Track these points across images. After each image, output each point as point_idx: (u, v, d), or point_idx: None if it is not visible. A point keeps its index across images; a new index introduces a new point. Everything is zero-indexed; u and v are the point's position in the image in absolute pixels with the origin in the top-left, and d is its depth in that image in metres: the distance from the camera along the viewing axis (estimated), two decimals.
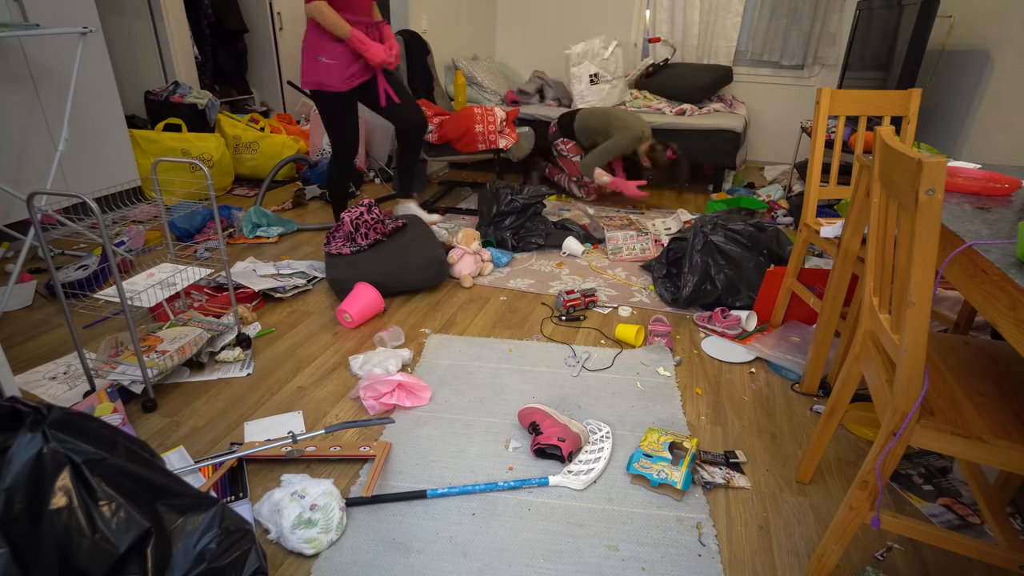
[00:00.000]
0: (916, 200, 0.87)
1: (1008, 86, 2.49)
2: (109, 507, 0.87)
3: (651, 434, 1.58)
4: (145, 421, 1.64)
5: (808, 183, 1.93)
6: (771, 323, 2.22)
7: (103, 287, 2.38)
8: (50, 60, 2.76)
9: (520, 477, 1.48)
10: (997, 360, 1.20)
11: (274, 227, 3.01)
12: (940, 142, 3.07)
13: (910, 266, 0.91)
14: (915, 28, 2.64)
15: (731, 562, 1.27)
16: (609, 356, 2.03)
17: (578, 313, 2.29)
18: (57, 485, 0.84)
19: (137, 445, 0.98)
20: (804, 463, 1.49)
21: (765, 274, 2.22)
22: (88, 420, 0.93)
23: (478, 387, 1.84)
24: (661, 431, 1.60)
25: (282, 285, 2.38)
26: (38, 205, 2.40)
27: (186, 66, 4.26)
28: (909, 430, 1.00)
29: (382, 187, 3.97)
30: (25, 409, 0.87)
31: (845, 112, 1.85)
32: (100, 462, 0.88)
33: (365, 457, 1.51)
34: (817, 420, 1.74)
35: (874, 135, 1.15)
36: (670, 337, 2.11)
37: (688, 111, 4.01)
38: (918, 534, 1.08)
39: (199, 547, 0.93)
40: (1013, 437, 0.97)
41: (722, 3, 4.49)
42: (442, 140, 3.35)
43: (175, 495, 0.95)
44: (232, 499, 1.39)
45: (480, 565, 1.24)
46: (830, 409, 1.38)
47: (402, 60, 3.53)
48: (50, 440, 0.85)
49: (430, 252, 2.42)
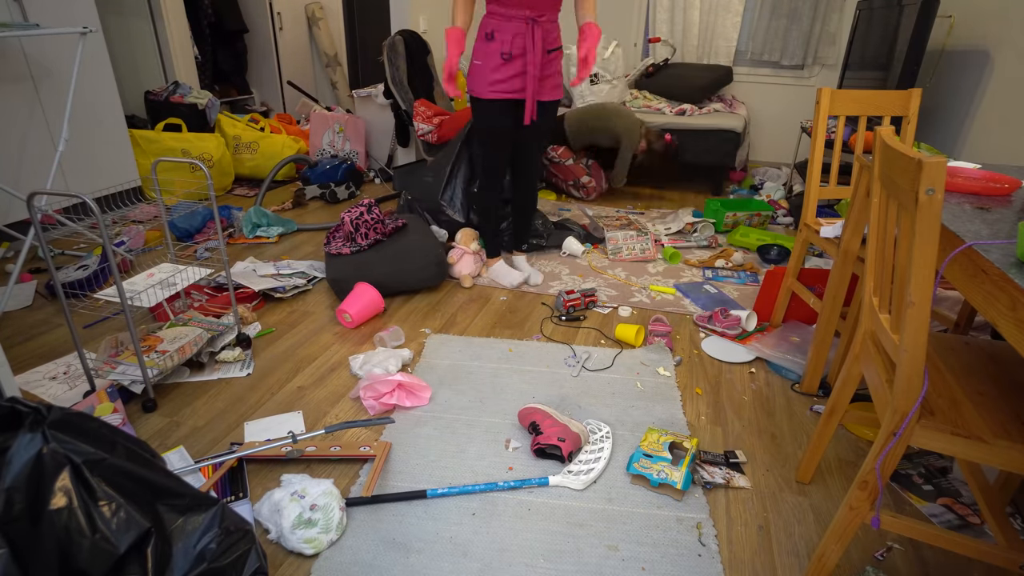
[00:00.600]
0: (916, 200, 0.87)
1: (1008, 86, 2.49)
2: (109, 507, 0.87)
3: (651, 434, 1.58)
4: (145, 421, 1.64)
5: (808, 183, 1.93)
6: (771, 323, 2.22)
7: (103, 287, 2.38)
8: (50, 60, 2.76)
9: (520, 477, 1.48)
10: (997, 360, 1.20)
11: (274, 227, 3.01)
12: (940, 142, 3.07)
13: (910, 266, 0.91)
14: (915, 28, 2.64)
15: (731, 562, 1.27)
16: (609, 356, 2.03)
17: (578, 313, 2.29)
18: (57, 485, 0.84)
19: (137, 445, 0.98)
20: (804, 463, 1.49)
21: (765, 274, 2.22)
22: (88, 420, 0.93)
23: (478, 387, 1.84)
24: (661, 431, 1.60)
25: (282, 285, 2.38)
26: (38, 205, 2.40)
27: (186, 66, 4.26)
28: (909, 430, 1.00)
29: (382, 187, 3.97)
30: (25, 410, 0.87)
31: (845, 112, 1.85)
32: (100, 462, 0.88)
33: (365, 457, 1.51)
34: (817, 420, 1.74)
35: (874, 135, 1.15)
36: (670, 337, 2.11)
37: (688, 111, 4.01)
38: (918, 534, 1.08)
39: (199, 547, 0.93)
40: (1013, 437, 0.97)
41: (722, 3, 4.49)
42: (442, 140, 3.34)
43: (175, 495, 0.95)
44: (232, 499, 1.39)
45: (480, 565, 1.24)
46: (830, 409, 1.38)
47: (402, 60, 3.53)
48: (50, 440, 0.85)
49: (430, 252, 2.42)
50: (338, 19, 5.43)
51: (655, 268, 2.77)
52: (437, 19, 4.24)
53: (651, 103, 4.16)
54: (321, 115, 4.04)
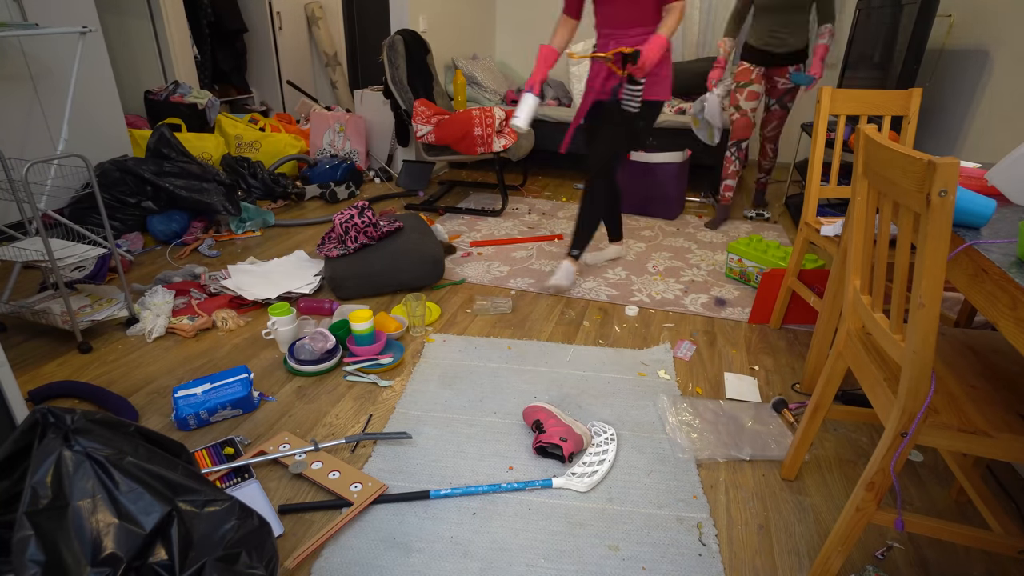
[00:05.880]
0: (928, 202, 0.86)
1: (1008, 86, 2.49)
2: (132, 494, 0.93)
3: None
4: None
5: (808, 182, 1.93)
6: (771, 323, 2.22)
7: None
8: (50, 60, 2.76)
9: (520, 477, 1.48)
10: (976, 351, 1.21)
11: (256, 220, 3.11)
12: (940, 142, 3.07)
13: (921, 267, 0.91)
14: (915, 28, 2.64)
15: (731, 562, 1.27)
16: (609, 356, 2.03)
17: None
18: (81, 480, 0.90)
19: (159, 445, 1.04)
20: (789, 460, 1.49)
21: (763, 275, 2.22)
22: (109, 425, 0.99)
23: (478, 387, 1.84)
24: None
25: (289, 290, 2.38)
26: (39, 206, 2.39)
27: (186, 66, 4.26)
28: (917, 429, 1.00)
29: (382, 186, 3.97)
30: (51, 417, 0.93)
31: (846, 111, 1.85)
32: (121, 460, 0.94)
33: (344, 503, 1.37)
34: None
35: (857, 133, 1.14)
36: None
37: (688, 110, 4.01)
38: (913, 526, 1.08)
39: (219, 533, 0.98)
40: (1014, 429, 0.98)
41: (722, 2, 4.49)
42: (441, 142, 3.34)
43: (193, 492, 1.00)
44: (238, 480, 1.42)
45: (481, 565, 1.24)
46: (814, 406, 1.39)
47: (402, 59, 3.52)
48: (72, 442, 0.92)
49: (427, 251, 2.42)
50: (338, 19, 5.43)
51: (655, 268, 2.77)
52: (437, 19, 4.24)
53: None
54: (321, 114, 4.04)
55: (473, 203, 3.70)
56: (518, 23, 5.22)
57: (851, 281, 1.23)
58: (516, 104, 4.34)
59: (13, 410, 1.27)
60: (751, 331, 2.23)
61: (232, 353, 1.98)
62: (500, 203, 3.71)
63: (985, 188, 1.30)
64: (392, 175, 4.18)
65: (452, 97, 4.29)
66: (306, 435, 1.61)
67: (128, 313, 2.07)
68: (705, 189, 4.10)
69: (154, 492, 0.94)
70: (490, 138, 3.24)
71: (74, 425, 0.94)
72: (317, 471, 1.45)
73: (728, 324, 2.28)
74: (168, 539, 0.93)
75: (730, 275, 2.67)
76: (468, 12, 4.69)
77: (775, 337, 2.19)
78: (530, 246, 3.02)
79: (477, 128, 3.23)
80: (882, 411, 1.09)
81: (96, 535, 0.88)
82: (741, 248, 2.57)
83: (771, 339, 2.17)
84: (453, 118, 3.30)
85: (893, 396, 1.05)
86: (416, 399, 1.77)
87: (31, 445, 0.93)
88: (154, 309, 2.10)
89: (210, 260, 2.70)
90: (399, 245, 2.41)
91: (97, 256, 2.10)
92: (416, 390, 1.81)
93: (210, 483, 1.03)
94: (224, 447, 1.51)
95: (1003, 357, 1.19)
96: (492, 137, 3.24)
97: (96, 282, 2.37)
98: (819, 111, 1.85)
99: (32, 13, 2.67)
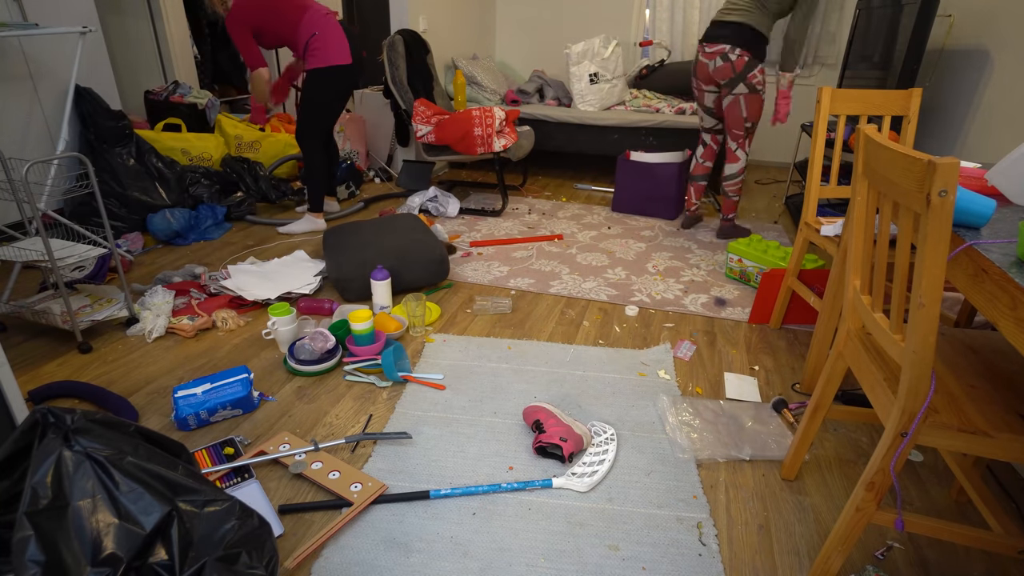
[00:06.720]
0: (928, 202, 0.86)
1: (1008, 86, 2.49)
2: (132, 494, 0.93)
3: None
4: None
5: (808, 182, 1.93)
6: (771, 323, 2.22)
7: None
8: (50, 60, 2.76)
9: (520, 477, 1.48)
10: (975, 350, 1.21)
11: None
12: (940, 142, 3.07)
13: (921, 267, 0.91)
14: (915, 27, 2.64)
15: (731, 562, 1.27)
16: (609, 356, 2.03)
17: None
18: (81, 480, 0.90)
19: (159, 445, 1.05)
20: (789, 460, 1.49)
21: (763, 275, 2.22)
22: (110, 426, 0.99)
23: (478, 386, 1.84)
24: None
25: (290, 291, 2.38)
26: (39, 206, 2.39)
27: (186, 66, 4.26)
28: (917, 429, 1.00)
29: (382, 186, 3.97)
30: (51, 417, 0.93)
31: (846, 111, 1.85)
32: (121, 460, 0.94)
33: (343, 503, 1.37)
34: None
35: (857, 133, 1.14)
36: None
37: (688, 110, 4.01)
38: (913, 526, 1.08)
39: (219, 533, 0.98)
40: (1014, 429, 0.98)
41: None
42: (440, 142, 3.34)
43: (193, 492, 1.00)
44: (237, 480, 1.42)
45: (481, 565, 1.24)
46: (813, 406, 1.39)
47: (402, 59, 3.52)
48: (72, 442, 0.92)
49: (431, 252, 2.42)
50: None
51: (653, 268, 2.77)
52: (437, 19, 4.24)
53: (651, 102, 4.16)
54: None
55: (473, 203, 3.70)
56: (518, 23, 5.23)
57: (851, 281, 1.23)
58: (516, 104, 4.34)
59: (13, 410, 1.27)
60: (751, 331, 2.23)
61: (232, 353, 1.99)
62: (500, 203, 3.71)
63: (985, 188, 1.31)
64: (392, 175, 4.18)
65: (452, 97, 4.29)
66: (306, 435, 1.61)
67: (128, 313, 2.07)
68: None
69: (154, 492, 0.95)
70: (490, 138, 3.24)
71: (74, 425, 0.94)
72: (317, 471, 1.45)
73: (728, 324, 2.28)
74: (168, 539, 0.93)
75: (730, 275, 2.67)
76: (468, 12, 4.69)
77: (775, 337, 2.19)
78: (530, 246, 3.02)
79: (477, 128, 3.23)
80: (882, 411, 1.09)
81: (96, 535, 0.88)
82: (741, 248, 2.58)
83: (771, 339, 2.18)
84: (453, 118, 3.30)
85: (893, 396, 1.05)
86: (416, 399, 1.77)
87: (31, 445, 0.93)
88: (154, 309, 2.10)
89: (209, 260, 2.70)
90: (405, 246, 2.42)
91: (97, 256, 2.11)
92: (416, 390, 1.81)
93: (210, 483, 1.03)
94: (224, 447, 1.51)
95: (1003, 357, 1.19)
96: (492, 137, 3.24)
97: (96, 282, 2.38)
98: (819, 111, 1.85)
99: (32, 13, 2.67)
